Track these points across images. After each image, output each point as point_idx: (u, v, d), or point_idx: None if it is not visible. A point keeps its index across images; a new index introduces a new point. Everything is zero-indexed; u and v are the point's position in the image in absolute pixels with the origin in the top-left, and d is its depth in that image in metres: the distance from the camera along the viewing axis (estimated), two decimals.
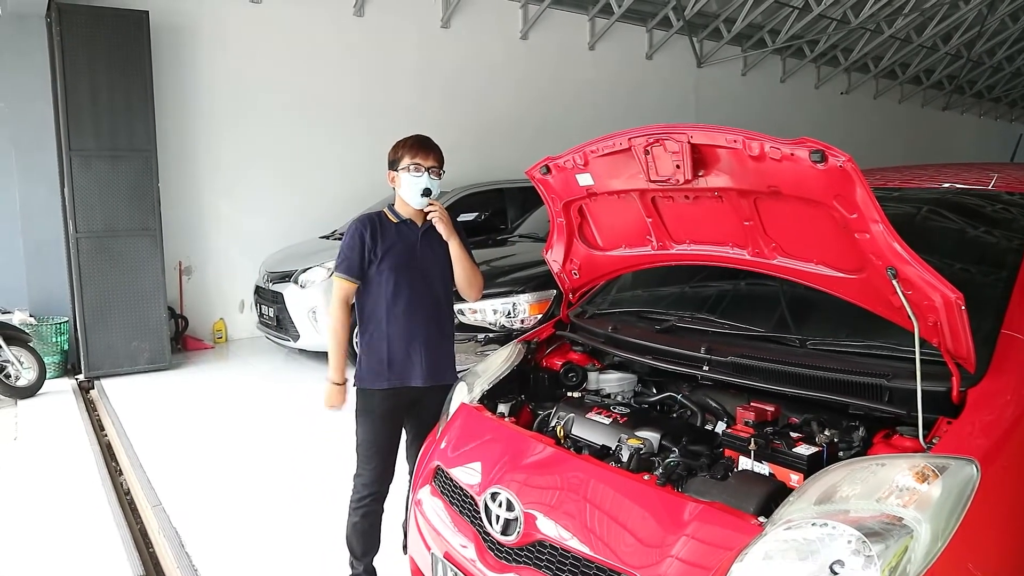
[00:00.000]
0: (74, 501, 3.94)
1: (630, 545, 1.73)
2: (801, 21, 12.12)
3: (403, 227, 2.78)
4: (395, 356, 2.76)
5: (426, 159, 2.70)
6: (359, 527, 2.83)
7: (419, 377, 2.78)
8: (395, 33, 9.05)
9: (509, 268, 5.39)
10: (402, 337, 2.75)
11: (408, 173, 2.70)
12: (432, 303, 2.80)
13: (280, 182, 8.32)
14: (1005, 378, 1.77)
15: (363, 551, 2.86)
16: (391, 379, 2.76)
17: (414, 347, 2.76)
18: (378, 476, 2.81)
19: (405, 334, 2.75)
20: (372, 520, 2.84)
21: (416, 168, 2.69)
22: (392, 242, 2.75)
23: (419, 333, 2.76)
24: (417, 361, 2.77)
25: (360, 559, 2.87)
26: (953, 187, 2.77)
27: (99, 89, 6.36)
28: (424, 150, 2.72)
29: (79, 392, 6.25)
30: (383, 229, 2.76)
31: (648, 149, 1.96)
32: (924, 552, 1.43)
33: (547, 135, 9.94)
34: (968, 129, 19.44)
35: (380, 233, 2.75)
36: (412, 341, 2.76)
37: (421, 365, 2.77)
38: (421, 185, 2.69)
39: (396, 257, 2.74)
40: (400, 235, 2.77)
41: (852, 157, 1.63)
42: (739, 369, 2.16)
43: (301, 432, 4.93)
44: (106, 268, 6.50)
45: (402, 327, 2.75)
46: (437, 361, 2.82)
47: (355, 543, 2.85)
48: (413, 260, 2.76)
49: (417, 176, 2.69)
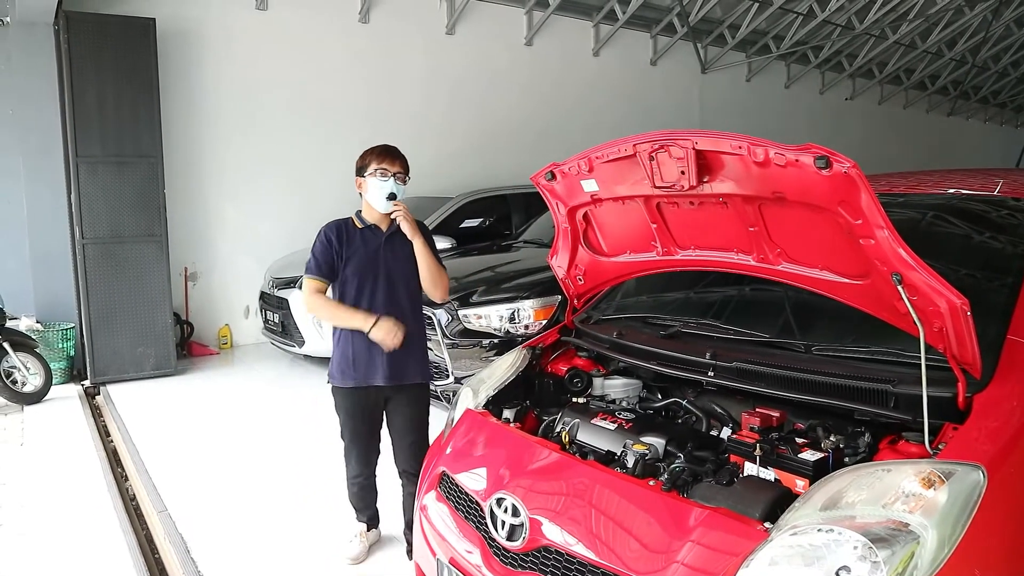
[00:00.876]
0: (80, 507, 3.94)
1: (635, 551, 1.73)
2: (805, 27, 12.14)
3: (367, 232, 2.95)
4: (359, 356, 2.92)
5: (392, 165, 2.88)
6: (358, 495, 3.25)
7: (381, 377, 2.92)
8: (400, 39, 9.08)
9: (514, 274, 5.40)
10: (365, 338, 2.87)
11: (375, 178, 2.87)
12: (395, 305, 2.93)
13: (285, 188, 8.34)
14: (1011, 384, 1.77)
15: (364, 506, 3.29)
16: (356, 378, 2.94)
17: (376, 348, 2.88)
18: (363, 461, 3.14)
19: (367, 336, 2.86)
20: (367, 488, 3.25)
21: (382, 173, 2.87)
22: (356, 246, 2.92)
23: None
24: (379, 362, 2.91)
25: (364, 511, 3.30)
26: (958, 193, 2.77)
27: (106, 96, 6.39)
28: (390, 157, 2.90)
29: (85, 398, 6.25)
30: (348, 234, 2.94)
31: (653, 155, 1.97)
32: (930, 558, 1.43)
33: (551, 141, 9.96)
34: (973, 134, 19.41)
35: (346, 237, 2.93)
36: (374, 343, 2.87)
37: (383, 365, 2.91)
38: (387, 189, 2.85)
39: (359, 260, 2.90)
40: (364, 240, 2.93)
41: (857, 163, 1.64)
42: (744, 375, 2.16)
43: (306, 438, 4.93)
44: (112, 274, 6.51)
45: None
46: (400, 362, 2.93)
47: (357, 502, 3.29)
48: (376, 263, 2.91)
49: (383, 180, 2.86)
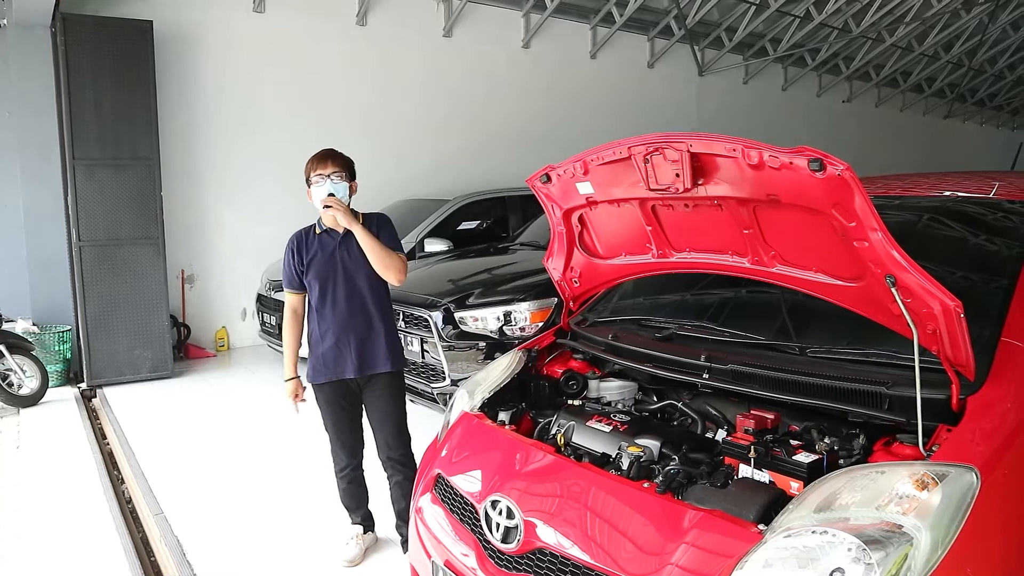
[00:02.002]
0: (76, 509, 3.94)
1: (630, 553, 1.73)
2: (803, 30, 12.16)
3: (324, 236, 3.11)
4: (327, 353, 3.08)
5: (324, 167, 3.01)
6: (348, 490, 3.31)
7: (351, 370, 3.07)
8: (398, 42, 9.09)
9: (510, 276, 5.39)
10: (332, 335, 3.06)
11: (313, 185, 3.03)
12: (358, 300, 3.07)
13: (282, 190, 8.30)
14: (1005, 386, 1.77)
15: (356, 505, 3.35)
16: (327, 373, 3.09)
17: (343, 343, 3.06)
18: (348, 453, 3.24)
19: (333, 332, 3.06)
20: (356, 482, 3.31)
21: (318, 178, 3.00)
22: (314, 252, 3.08)
23: (348, 330, 3.05)
24: (347, 355, 3.06)
25: (356, 511, 3.36)
26: (954, 195, 2.78)
27: (103, 98, 6.39)
28: (322, 160, 3.03)
29: (81, 400, 6.24)
30: (307, 242, 3.11)
31: (648, 158, 1.97)
32: (924, 560, 1.43)
33: (548, 143, 9.96)
34: (970, 137, 19.45)
35: (305, 246, 3.10)
36: (341, 338, 3.06)
37: (351, 358, 3.06)
38: (324, 191, 2.98)
39: (319, 265, 3.06)
40: (321, 244, 3.09)
41: (851, 165, 1.64)
42: (739, 377, 2.17)
43: (303, 440, 4.91)
44: (109, 276, 6.51)
45: (330, 326, 3.06)
46: (368, 353, 3.09)
47: (348, 501, 3.34)
48: (333, 264, 3.05)
49: (319, 185, 3.00)
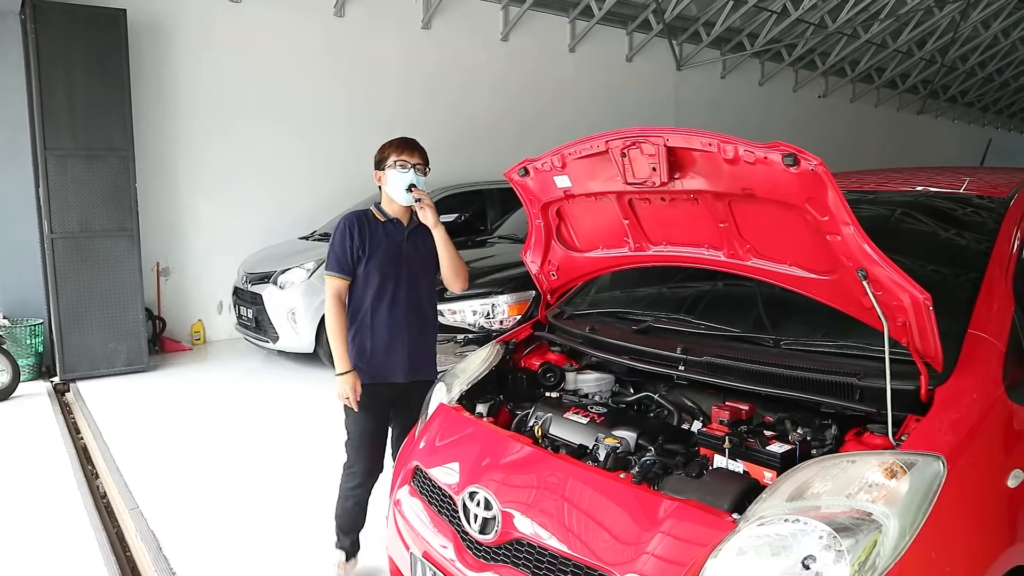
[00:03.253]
0: (50, 505, 3.89)
1: (607, 543, 1.76)
2: (779, 25, 12.26)
3: (389, 226, 2.87)
4: (377, 352, 2.85)
5: (412, 156, 2.82)
6: (350, 511, 2.98)
7: (400, 373, 2.87)
8: (376, 34, 9.03)
9: (488, 269, 5.40)
10: (385, 334, 2.84)
11: (394, 170, 2.79)
12: (415, 301, 2.89)
13: (259, 182, 8.26)
14: (971, 377, 1.82)
15: (351, 528, 3.02)
16: (372, 374, 2.85)
17: (396, 344, 2.85)
18: (369, 467, 2.93)
19: (388, 331, 2.83)
20: (361, 504, 2.99)
21: (402, 165, 2.80)
22: (379, 241, 2.83)
23: (402, 330, 2.85)
24: (399, 358, 2.86)
25: (347, 534, 3.03)
26: (926, 190, 2.83)
27: (75, 88, 6.28)
28: (410, 149, 2.83)
29: (54, 395, 6.16)
30: (371, 228, 2.84)
31: (625, 152, 1.98)
32: (892, 546, 1.47)
33: (527, 137, 9.97)
34: (942, 133, 19.75)
35: (368, 232, 2.83)
36: (394, 338, 2.84)
37: (403, 362, 2.87)
38: (407, 181, 2.79)
39: (383, 256, 2.82)
40: (387, 234, 2.85)
41: (824, 161, 1.67)
42: (714, 369, 2.19)
43: (280, 434, 4.91)
44: (82, 269, 6.42)
45: (385, 324, 2.83)
46: (418, 358, 2.91)
47: (344, 522, 3.01)
48: (399, 259, 2.85)
49: (404, 172, 2.79)
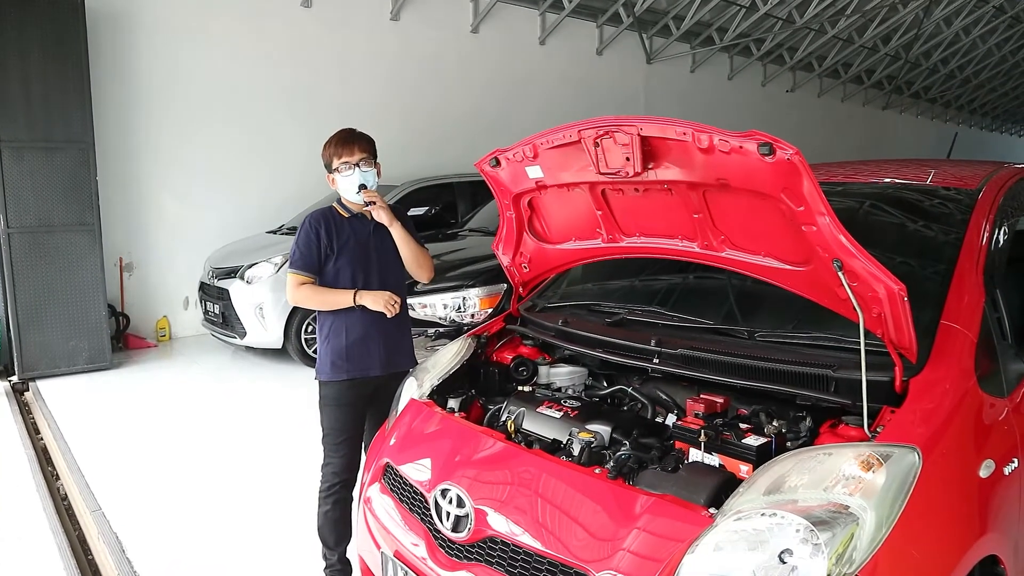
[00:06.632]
0: (7, 507, 3.78)
1: (582, 539, 1.73)
2: (748, 20, 12.36)
3: (355, 221, 2.83)
4: (352, 348, 2.80)
5: (351, 155, 2.73)
6: (331, 516, 2.81)
7: (377, 367, 2.83)
8: (343, 24, 8.91)
9: (459, 262, 5.36)
10: (359, 329, 2.80)
11: (339, 174, 2.75)
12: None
13: (225, 176, 8.12)
14: (944, 367, 1.82)
15: (336, 540, 2.84)
16: (350, 370, 2.80)
17: (371, 338, 2.81)
18: (347, 464, 2.82)
19: (362, 325, 2.80)
20: (343, 508, 2.82)
21: (345, 167, 2.73)
22: (346, 237, 2.79)
23: (375, 324, 2.81)
24: (375, 352, 2.82)
25: (333, 549, 2.84)
26: (893, 182, 2.84)
27: (31, 77, 6.10)
28: (347, 146, 2.74)
29: (12, 394, 6.00)
30: (336, 225, 2.80)
31: (598, 141, 1.95)
32: (869, 539, 1.46)
33: (497, 129, 9.92)
34: (907, 128, 20.13)
35: (335, 229, 2.78)
36: (368, 332, 2.81)
37: (379, 355, 2.83)
38: (354, 182, 2.73)
39: (351, 252, 2.79)
40: (354, 230, 2.82)
41: (800, 150, 1.65)
42: (689, 361, 2.18)
43: (248, 432, 4.81)
44: (41, 265, 6.24)
45: (358, 319, 2.79)
46: (394, 350, 2.87)
47: (327, 532, 2.83)
48: (367, 253, 2.82)
49: (348, 175, 2.73)
